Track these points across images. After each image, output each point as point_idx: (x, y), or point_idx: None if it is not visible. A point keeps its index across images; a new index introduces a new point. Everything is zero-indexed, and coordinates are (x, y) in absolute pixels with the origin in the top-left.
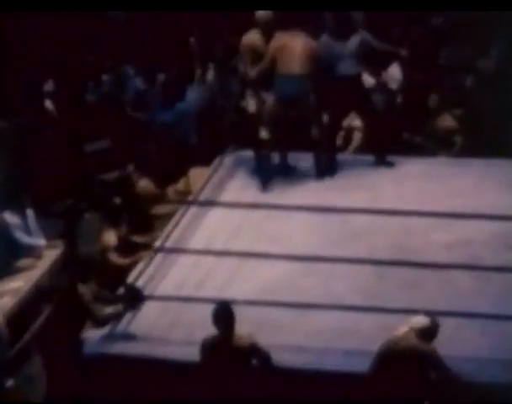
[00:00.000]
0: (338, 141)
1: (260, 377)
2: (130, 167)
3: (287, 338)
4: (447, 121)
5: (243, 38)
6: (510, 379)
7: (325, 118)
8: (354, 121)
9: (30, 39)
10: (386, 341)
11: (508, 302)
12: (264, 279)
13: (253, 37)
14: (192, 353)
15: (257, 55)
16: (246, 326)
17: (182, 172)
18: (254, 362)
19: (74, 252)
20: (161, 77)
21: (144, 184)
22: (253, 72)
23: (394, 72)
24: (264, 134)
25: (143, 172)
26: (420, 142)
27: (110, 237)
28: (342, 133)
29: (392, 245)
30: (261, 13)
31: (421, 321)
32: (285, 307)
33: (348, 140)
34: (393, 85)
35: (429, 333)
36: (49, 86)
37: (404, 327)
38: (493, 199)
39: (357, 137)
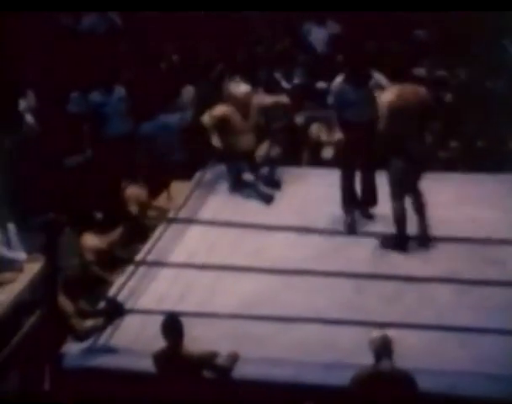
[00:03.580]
0: (329, 154)
1: (217, 389)
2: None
3: (267, 351)
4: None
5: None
6: (490, 391)
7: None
8: (322, 135)
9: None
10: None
11: (486, 315)
12: (244, 293)
13: (223, 109)
14: None
15: (226, 125)
16: (226, 340)
17: (163, 186)
18: (208, 374)
19: (55, 266)
20: (120, 89)
21: (133, 191)
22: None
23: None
24: None
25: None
26: None
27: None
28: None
29: (371, 259)
30: (238, 90)
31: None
32: (265, 321)
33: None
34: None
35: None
36: (30, 99)
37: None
38: (473, 212)
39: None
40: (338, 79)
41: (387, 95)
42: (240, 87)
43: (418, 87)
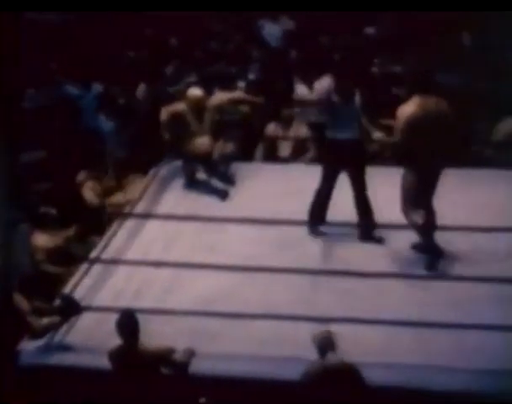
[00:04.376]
0: (286, 152)
1: (174, 385)
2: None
3: (223, 347)
4: None
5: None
6: (443, 384)
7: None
8: (300, 131)
9: None
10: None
11: (441, 310)
12: (201, 289)
13: (180, 106)
14: None
15: (181, 123)
16: (183, 336)
17: (119, 181)
18: (167, 370)
19: (9, 264)
20: (97, 86)
21: (90, 185)
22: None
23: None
24: None
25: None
26: None
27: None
28: (290, 143)
29: (327, 254)
30: (193, 93)
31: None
32: (222, 317)
33: (297, 150)
34: None
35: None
36: None
37: None
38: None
39: (310, 148)
40: (327, 94)
41: (409, 107)
42: (194, 92)
43: (441, 101)
